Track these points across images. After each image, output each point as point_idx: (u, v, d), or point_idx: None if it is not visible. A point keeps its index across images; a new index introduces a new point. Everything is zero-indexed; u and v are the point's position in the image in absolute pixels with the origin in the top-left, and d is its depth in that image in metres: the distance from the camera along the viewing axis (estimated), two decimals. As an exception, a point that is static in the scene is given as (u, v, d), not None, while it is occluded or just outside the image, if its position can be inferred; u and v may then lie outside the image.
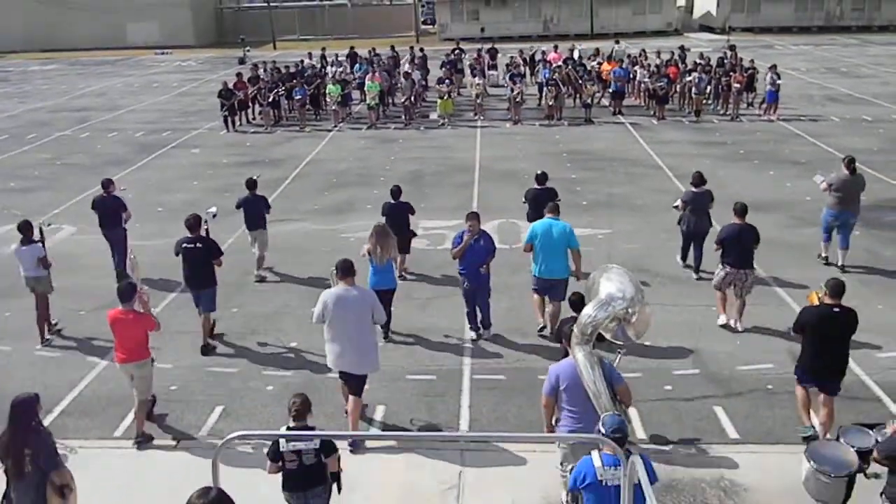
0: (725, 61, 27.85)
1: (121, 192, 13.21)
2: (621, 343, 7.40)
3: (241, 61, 40.65)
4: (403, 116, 26.48)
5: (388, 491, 7.79)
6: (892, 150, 20.76)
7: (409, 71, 27.98)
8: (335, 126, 25.91)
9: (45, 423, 9.03)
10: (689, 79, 25.92)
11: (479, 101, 27.06)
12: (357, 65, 30.76)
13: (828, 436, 7.96)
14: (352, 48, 34.04)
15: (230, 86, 25.68)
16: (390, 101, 28.39)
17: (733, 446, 8.34)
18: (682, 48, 31.01)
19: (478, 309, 10.87)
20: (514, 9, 54.32)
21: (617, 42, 34.29)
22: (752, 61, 27.19)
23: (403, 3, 60.69)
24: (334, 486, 6.67)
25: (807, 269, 12.89)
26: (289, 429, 6.47)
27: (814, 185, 13.55)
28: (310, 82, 27.10)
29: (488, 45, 35.26)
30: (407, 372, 10.10)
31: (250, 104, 26.88)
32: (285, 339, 11.11)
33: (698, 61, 27.37)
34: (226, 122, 25.79)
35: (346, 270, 8.47)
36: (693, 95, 25.49)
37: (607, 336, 7.30)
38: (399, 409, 9.28)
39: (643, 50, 31.61)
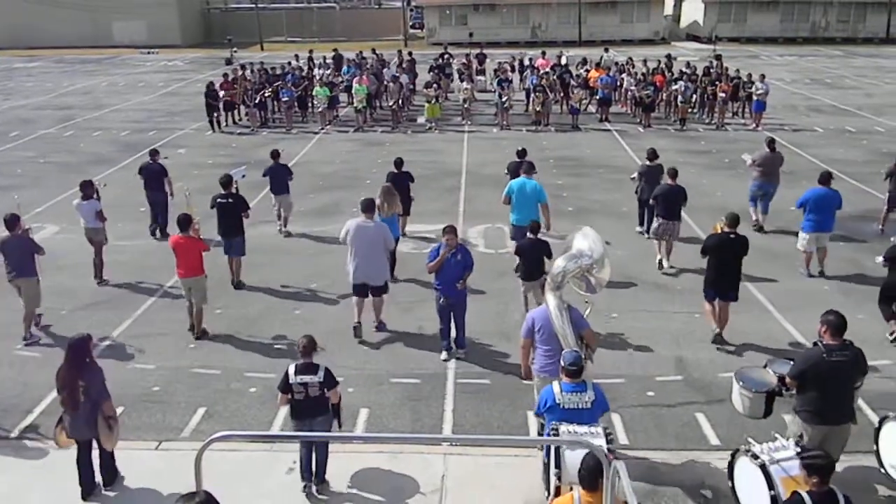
0: (711, 70, 28.06)
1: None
2: (588, 294, 8.69)
3: (228, 62, 40.51)
4: (391, 119, 26.47)
5: (371, 494, 7.76)
6: (875, 162, 20.94)
7: (397, 74, 27.99)
8: (322, 128, 25.88)
9: (24, 423, 9.04)
10: (675, 87, 26.10)
11: (466, 105, 27.11)
12: (344, 67, 30.74)
13: (725, 330, 10.54)
14: (335, 50, 33.99)
15: (216, 86, 25.59)
16: (378, 104, 28.37)
17: (715, 452, 8.37)
18: (668, 57, 31.23)
19: (454, 326, 10.44)
20: (503, 15, 54.49)
21: (606, 50, 34.46)
22: (737, 71, 27.42)
23: (392, 7, 60.76)
24: (335, 422, 7.68)
25: (789, 277, 13.00)
26: (297, 365, 7.47)
27: (797, 195, 13.87)
28: (297, 84, 27.05)
29: (476, 51, 35.35)
30: (391, 375, 10.08)
31: (236, 105, 26.79)
32: (268, 340, 11.06)
33: (684, 70, 27.56)
34: (211, 122, 25.70)
35: (367, 207, 10.93)
36: (679, 104, 25.68)
37: (574, 287, 8.62)
38: (383, 412, 9.26)
39: (630, 58, 31.78)
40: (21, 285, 10.97)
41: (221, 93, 25.63)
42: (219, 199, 12.65)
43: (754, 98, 25.16)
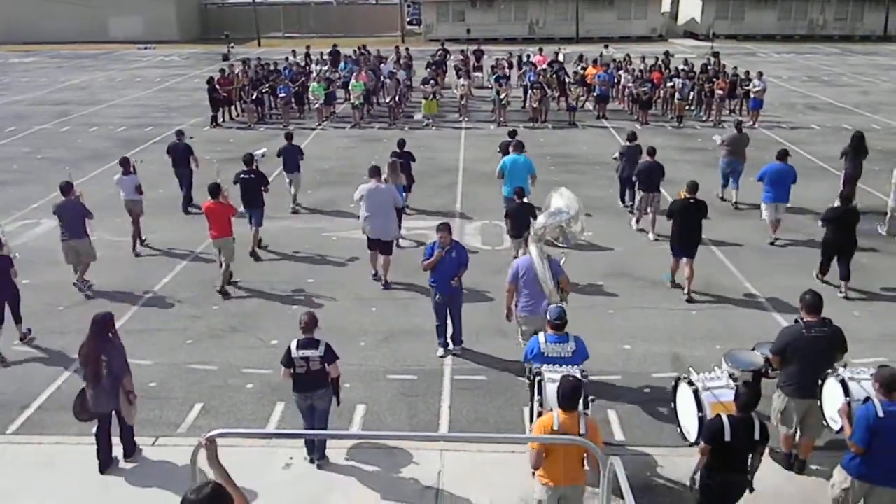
0: (709, 68, 28.06)
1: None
2: (565, 246, 10.31)
3: (225, 58, 40.41)
4: (388, 116, 26.46)
5: (367, 490, 7.78)
6: (871, 160, 20.94)
7: (394, 71, 27.96)
8: (319, 124, 25.84)
9: (20, 420, 9.04)
10: (672, 84, 26.10)
11: (463, 102, 27.09)
12: (342, 63, 30.68)
13: (692, 286, 12.11)
14: (335, 46, 33.91)
15: (215, 83, 25.55)
16: (375, 100, 28.35)
17: (710, 449, 8.40)
18: (666, 54, 31.21)
19: (450, 322, 10.50)
20: (500, 11, 54.42)
21: (606, 47, 34.45)
22: (735, 68, 27.43)
23: (389, 3, 60.63)
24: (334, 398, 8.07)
25: (783, 274, 13.03)
26: (299, 340, 7.83)
27: (793, 191, 14.10)
28: (294, 80, 27.00)
29: (474, 47, 35.31)
30: (388, 372, 10.10)
31: (233, 101, 26.75)
32: (266, 337, 11.08)
33: (682, 67, 27.58)
34: (214, 118, 25.71)
35: (373, 172, 12.78)
36: (676, 101, 25.68)
37: (552, 239, 9.91)
38: (379, 409, 9.29)
39: (628, 55, 31.77)
40: (75, 245, 12.33)
41: (223, 90, 25.58)
42: (241, 175, 14.06)
43: (751, 95, 25.15)
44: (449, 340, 10.59)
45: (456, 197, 17.87)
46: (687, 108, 26.21)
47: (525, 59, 31.78)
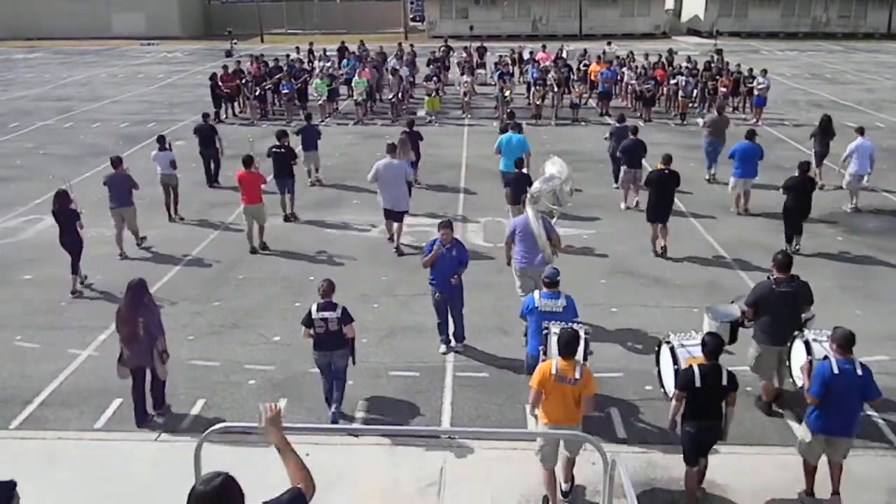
0: (712, 65, 28.00)
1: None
2: (558, 207, 11.91)
3: (228, 54, 40.43)
4: (390, 113, 26.44)
5: (370, 486, 7.79)
6: (879, 159, 20.81)
7: (397, 67, 27.94)
8: (322, 121, 25.78)
9: (23, 416, 9.06)
10: (674, 81, 26.05)
11: (466, 99, 27.06)
12: (344, 60, 30.66)
13: (666, 247, 13.69)
14: (342, 43, 33.92)
15: (218, 79, 25.56)
16: (378, 97, 28.33)
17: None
18: (669, 51, 31.15)
19: (451, 320, 10.45)
20: (504, 8, 54.39)
21: (609, 44, 34.41)
22: (738, 65, 27.38)
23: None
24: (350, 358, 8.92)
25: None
26: (318, 304, 8.64)
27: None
28: (297, 77, 26.99)
29: (477, 44, 35.27)
30: (389, 368, 10.10)
31: (235, 97, 26.75)
32: (268, 333, 11.07)
33: (685, 64, 27.52)
34: (217, 114, 25.70)
35: (390, 149, 14.26)
36: (679, 98, 25.64)
37: (546, 201, 11.32)
38: (381, 405, 9.29)
39: (631, 52, 31.72)
40: (122, 213, 13.77)
41: (226, 86, 25.59)
42: (274, 150, 15.72)
43: (755, 93, 25.11)
44: (451, 337, 10.57)
45: (458, 194, 17.85)
46: (690, 105, 26.15)
47: (527, 56, 31.68)
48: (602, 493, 5.66)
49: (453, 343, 10.56)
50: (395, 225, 14.18)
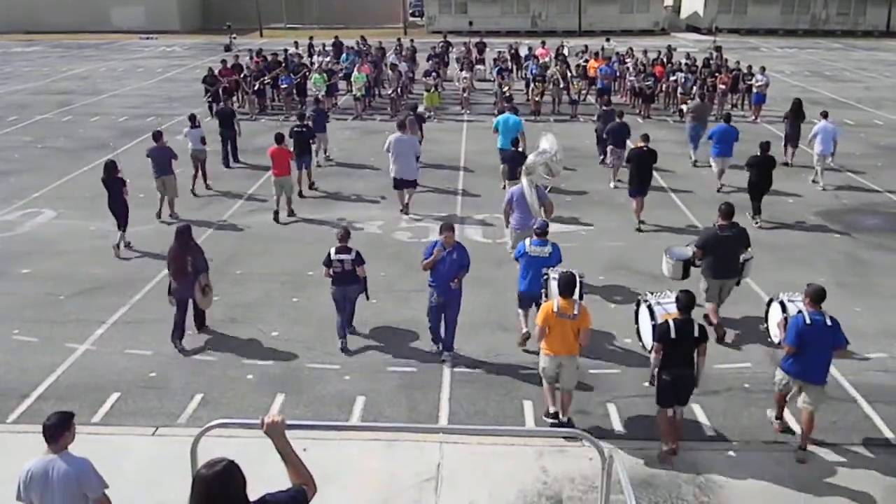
0: (711, 62, 27.97)
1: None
2: (550, 178, 13.54)
3: (227, 48, 40.30)
4: (389, 108, 26.39)
5: (367, 482, 7.79)
6: (873, 155, 20.97)
7: (396, 62, 27.87)
8: (321, 116, 25.74)
9: (20, 409, 9.05)
10: (674, 78, 26.02)
11: (465, 94, 27.03)
12: (343, 55, 30.60)
13: (643, 218, 14.99)
14: (336, 37, 33.83)
15: (216, 73, 25.48)
16: (377, 92, 28.28)
17: (710, 444, 8.44)
18: (668, 48, 31.11)
19: (444, 326, 10.11)
20: (503, 3, 54.25)
21: (607, 40, 34.35)
22: (737, 62, 27.35)
23: (392, -6, 60.43)
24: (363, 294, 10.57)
25: (785, 270, 13.02)
26: (336, 248, 10.24)
27: (795, 187, 14.23)
28: (296, 71, 26.93)
29: (476, 39, 35.21)
30: (388, 364, 10.10)
31: (235, 91, 26.66)
32: (266, 328, 11.07)
33: (684, 61, 27.47)
34: (210, 108, 25.58)
35: (400, 125, 16.04)
36: (678, 95, 25.61)
37: (541, 172, 12.77)
38: (379, 400, 9.28)
39: (630, 48, 31.68)
40: (164, 181, 15.32)
41: (224, 80, 25.51)
42: (296, 129, 17.11)
43: (754, 90, 25.09)
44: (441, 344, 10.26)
45: (457, 189, 17.82)
46: (689, 102, 26.09)
47: (524, 53, 31.62)
48: (599, 488, 5.66)
49: (443, 353, 10.21)
50: (406, 191, 15.83)
